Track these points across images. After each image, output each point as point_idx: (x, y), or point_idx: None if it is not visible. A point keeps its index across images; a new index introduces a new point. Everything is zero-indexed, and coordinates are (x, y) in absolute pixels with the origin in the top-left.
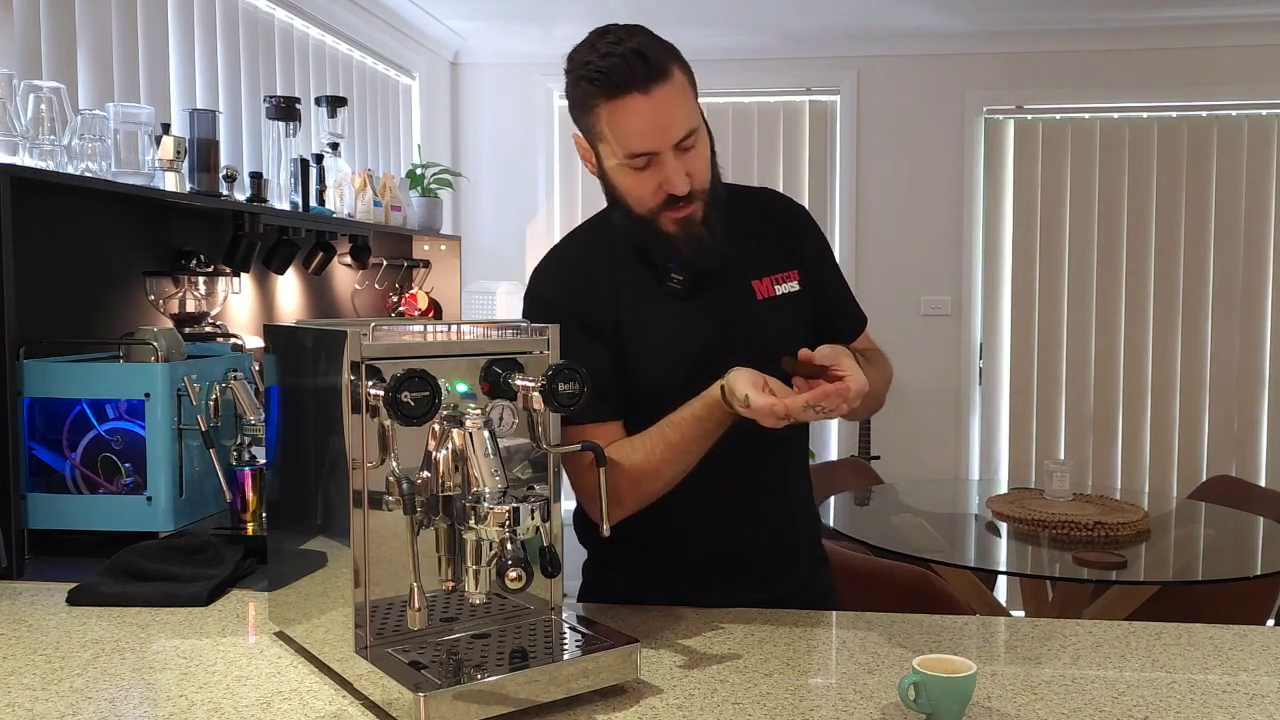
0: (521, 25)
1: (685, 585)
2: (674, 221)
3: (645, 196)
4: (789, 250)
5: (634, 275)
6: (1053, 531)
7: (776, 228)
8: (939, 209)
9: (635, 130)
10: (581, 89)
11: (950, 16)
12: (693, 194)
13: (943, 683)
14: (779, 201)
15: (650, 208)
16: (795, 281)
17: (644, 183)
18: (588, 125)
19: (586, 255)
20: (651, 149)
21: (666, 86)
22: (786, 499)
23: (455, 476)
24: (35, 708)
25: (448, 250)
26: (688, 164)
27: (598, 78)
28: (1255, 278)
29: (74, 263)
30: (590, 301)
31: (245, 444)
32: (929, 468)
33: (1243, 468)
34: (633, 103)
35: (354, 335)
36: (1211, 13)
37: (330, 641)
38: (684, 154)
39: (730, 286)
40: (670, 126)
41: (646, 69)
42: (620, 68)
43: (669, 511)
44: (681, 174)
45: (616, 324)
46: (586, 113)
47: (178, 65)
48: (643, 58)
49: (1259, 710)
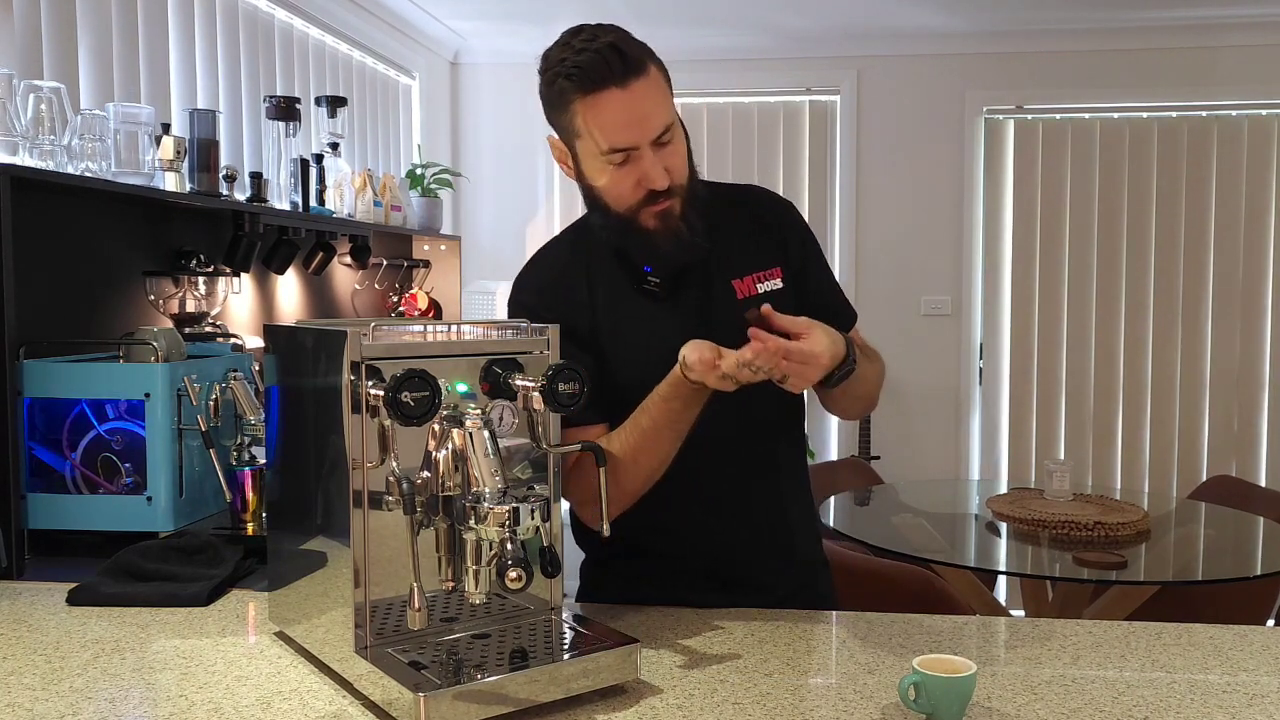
0: (521, 25)
1: (679, 588)
2: (653, 216)
3: (624, 193)
4: (771, 247)
5: (612, 278)
6: (1053, 531)
7: (759, 225)
8: (939, 209)
9: (614, 124)
10: (558, 86)
11: (950, 16)
12: (671, 189)
13: (943, 683)
14: (762, 198)
15: (629, 205)
16: (778, 279)
17: (622, 179)
18: (564, 124)
19: (568, 258)
20: (630, 143)
21: (643, 81)
22: (778, 499)
23: (455, 476)
24: (35, 708)
25: (448, 250)
26: (665, 159)
27: (574, 73)
28: (1255, 278)
29: (74, 263)
30: (568, 305)
31: (245, 444)
32: (929, 468)
33: (1243, 468)
34: (610, 97)
35: (354, 335)
36: (1211, 13)
37: (330, 641)
38: (661, 149)
39: (710, 286)
40: (648, 120)
41: (623, 64)
42: (597, 62)
43: (657, 512)
44: (660, 169)
45: (593, 327)
46: (563, 111)
47: (178, 65)
48: (619, 52)
49: (1259, 710)
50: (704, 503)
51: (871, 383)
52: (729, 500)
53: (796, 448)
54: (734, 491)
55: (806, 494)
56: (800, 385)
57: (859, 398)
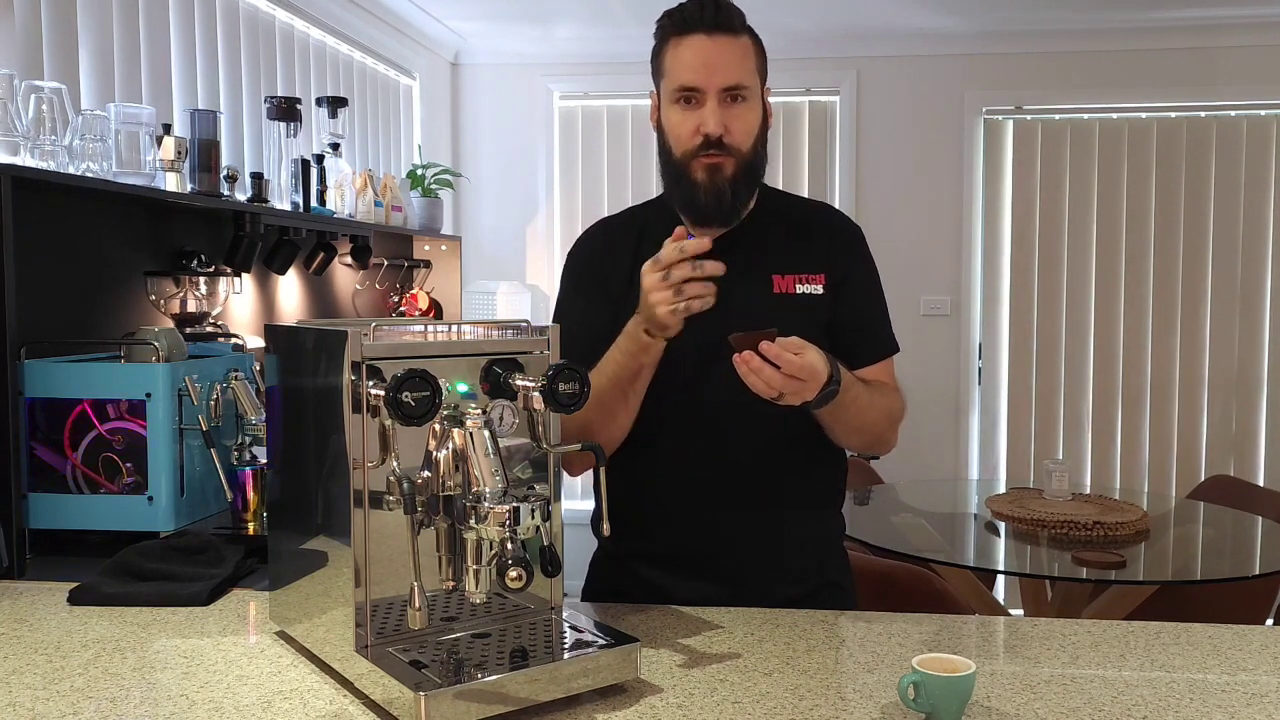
0: (521, 25)
1: (670, 577)
2: (704, 168)
3: (684, 136)
4: (822, 255)
5: (655, 248)
6: (1052, 531)
7: (819, 234)
8: (938, 209)
9: (689, 64)
10: (659, 25)
11: (950, 17)
12: (726, 145)
13: (942, 682)
14: (831, 215)
15: (686, 149)
16: (819, 285)
17: (685, 121)
18: (656, 66)
19: (625, 221)
20: (698, 85)
21: (729, 38)
22: (776, 499)
23: (455, 476)
24: (36, 707)
25: (448, 250)
26: (730, 117)
27: (674, 14)
28: (1254, 278)
29: (75, 263)
30: (609, 265)
31: (246, 444)
32: (929, 468)
33: (1241, 467)
34: (695, 40)
35: (354, 335)
36: (1211, 13)
37: (331, 641)
38: (729, 106)
39: (747, 274)
40: (720, 70)
41: (716, 15)
42: (693, 8)
43: (654, 503)
44: (718, 118)
45: (624, 294)
46: (658, 52)
47: (179, 66)
48: (716, 5)
49: (1258, 710)
50: (700, 492)
51: (871, 414)
52: (726, 491)
53: (796, 441)
54: (731, 483)
55: (820, 497)
56: (794, 401)
57: (857, 429)
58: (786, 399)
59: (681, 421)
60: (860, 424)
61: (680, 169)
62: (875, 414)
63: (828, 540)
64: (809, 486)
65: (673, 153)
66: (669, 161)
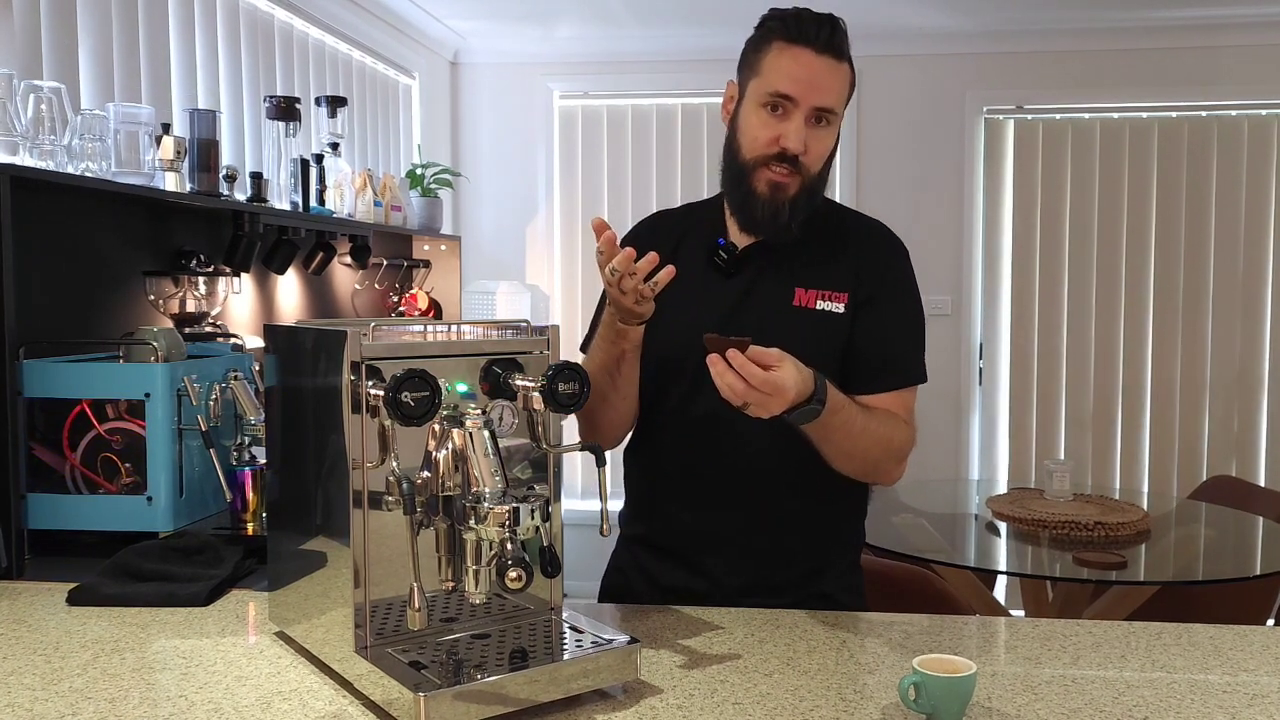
0: (521, 25)
1: (677, 571)
2: (768, 181)
3: (761, 141)
4: (849, 274)
5: (693, 251)
6: (1053, 531)
7: (854, 252)
8: (939, 209)
9: (790, 73)
10: (767, 26)
11: (951, 16)
12: (800, 164)
13: (943, 683)
14: (873, 234)
15: (758, 155)
16: (841, 304)
17: (766, 127)
18: (751, 62)
19: (676, 220)
20: (793, 94)
21: (834, 63)
22: (777, 499)
23: (455, 476)
24: (35, 708)
25: (448, 250)
26: (812, 138)
27: (789, 19)
28: (1255, 278)
29: (74, 263)
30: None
31: (245, 444)
32: (929, 468)
33: (1243, 468)
34: (802, 53)
35: (354, 335)
36: (1212, 13)
37: (330, 641)
38: (813, 127)
39: (773, 281)
40: (818, 89)
41: (831, 36)
42: (809, 21)
43: (662, 497)
44: (800, 136)
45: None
46: (756, 49)
47: (178, 65)
48: (833, 26)
49: (1259, 710)
50: (707, 491)
51: (863, 441)
52: (727, 489)
53: (817, 474)
54: (730, 481)
55: (831, 498)
56: (760, 413)
57: (846, 453)
58: (752, 409)
59: (685, 417)
60: (849, 449)
61: (744, 172)
62: (868, 442)
63: (833, 542)
64: (810, 486)
65: (741, 153)
66: (735, 160)
